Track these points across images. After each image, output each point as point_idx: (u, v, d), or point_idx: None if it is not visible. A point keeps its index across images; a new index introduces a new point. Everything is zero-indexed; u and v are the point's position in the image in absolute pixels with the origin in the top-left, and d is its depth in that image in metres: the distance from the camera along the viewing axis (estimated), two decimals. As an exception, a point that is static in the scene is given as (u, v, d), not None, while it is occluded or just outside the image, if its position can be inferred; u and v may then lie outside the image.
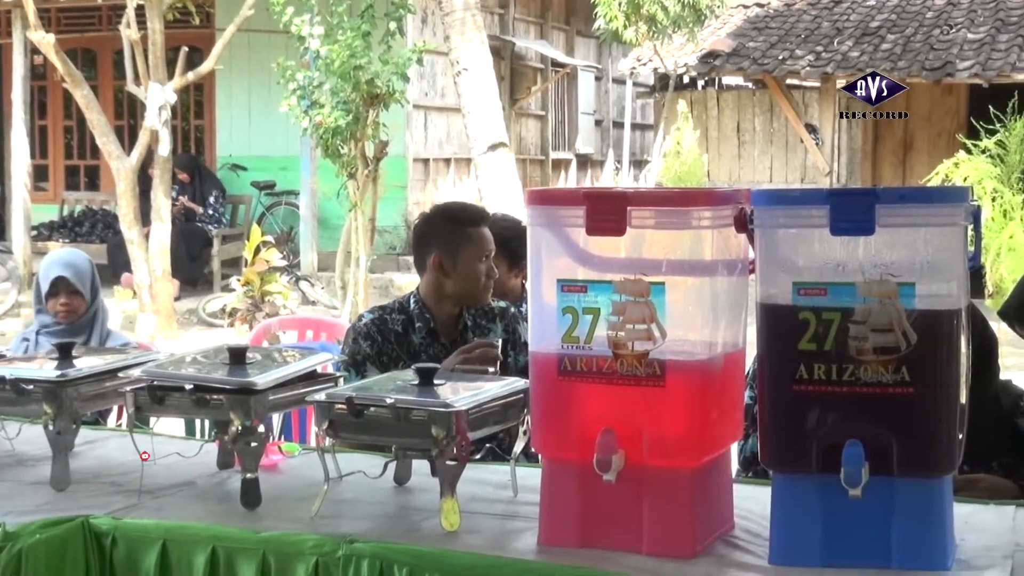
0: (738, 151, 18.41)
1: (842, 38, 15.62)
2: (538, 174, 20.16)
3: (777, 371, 2.69)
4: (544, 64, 20.30)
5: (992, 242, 10.53)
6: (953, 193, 2.70)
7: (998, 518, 3.05)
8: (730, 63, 15.65)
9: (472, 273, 4.11)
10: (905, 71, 14.63)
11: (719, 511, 2.92)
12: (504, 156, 13.05)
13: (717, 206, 2.76)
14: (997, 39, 14.96)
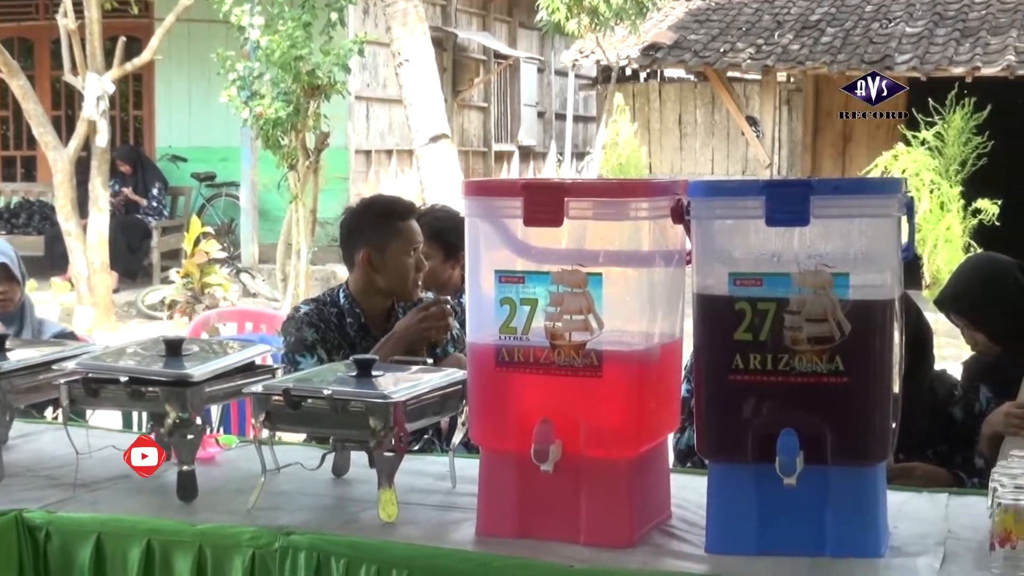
0: (680, 143, 18.48)
1: (782, 31, 15.71)
2: (481, 166, 20.14)
3: (713, 361, 2.70)
4: (487, 56, 20.28)
5: (929, 234, 10.62)
6: (886, 184, 2.74)
7: (931, 506, 3.08)
8: (671, 56, 15.70)
9: (401, 268, 4.10)
10: (844, 64, 14.74)
11: (656, 501, 2.94)
12: (446, 148, 13.02)
13: (654, 197, 2.77)
14: (935, 33, 15.10)
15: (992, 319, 3.90)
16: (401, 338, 4.00)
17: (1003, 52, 14.22)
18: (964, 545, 2.76)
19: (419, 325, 4.00)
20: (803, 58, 14.98)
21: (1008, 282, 3.91)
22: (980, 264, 4.20)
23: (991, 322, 3.90)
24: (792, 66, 15.20)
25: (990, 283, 3.93)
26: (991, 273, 3.98)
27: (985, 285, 3.94)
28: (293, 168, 11.46)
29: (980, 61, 14.13)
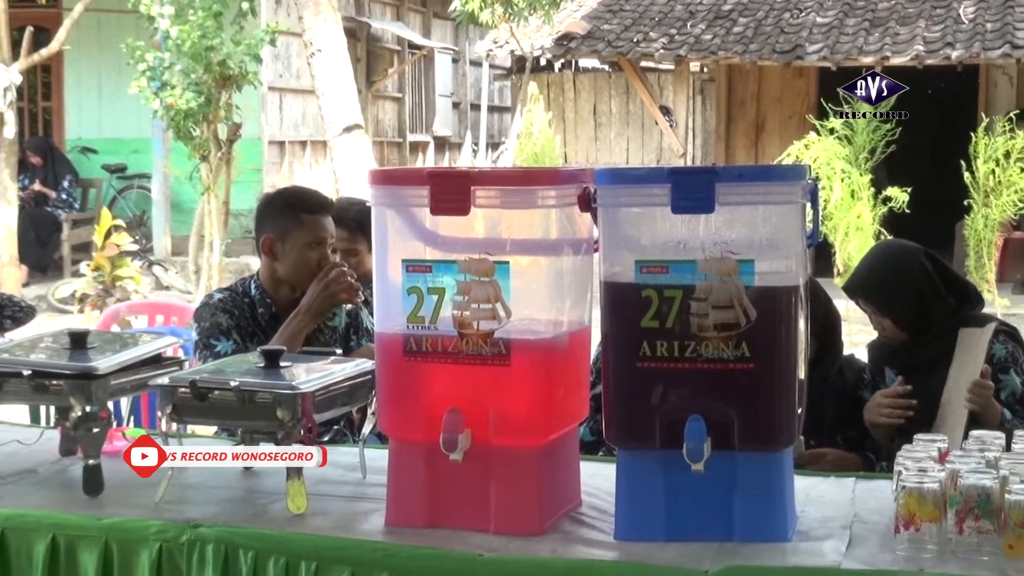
0: (595, 133, 18.54)
1: (695, 21, 15.78)
2: (396, 156, 20.07)
3: (621, 349, 2.71)
4: (401, 46, 20.20)
5: (841, 222, 10.71)
6: (790, 172, 2.74)
7: (839, 490, 3.12)
8: (585, 45, 15.71)
9: (301, 260, 4.06)
10: (756, 54, 14.85)
11: (566, 488, 2.95)
12: (359, 138, 12.96)
13: (561, 185, 2.77)
14: (845, 23, 15.25)
15: (898, 305, 3.93)
16: (308, 311, 3.96)
17: (911, 42, 14.40)
18: (870, 528, 2.79)
19: (323, 294, 3.95)
20: (715, 48, 15.06)
21: (914, 269, 3.95)
22: (887, 251, 4.24)
23: (897, 308, 3.93)
24: (705, 56, 15.27)
25: (896, 270, 3.97)
26: (898, 260, 4.02)
27: (891, 272, 3.98)
28: (205, 159, 11.36)
29: (889, 51, 14.28)
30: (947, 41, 14.29)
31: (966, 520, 2.59)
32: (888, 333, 3.99)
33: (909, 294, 3.92)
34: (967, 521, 2.59)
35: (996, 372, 3.79)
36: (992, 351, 3.82)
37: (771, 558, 2.61)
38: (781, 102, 16.46)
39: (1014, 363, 3.85)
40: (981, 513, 2.58)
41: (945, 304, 3.93)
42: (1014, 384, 3.80)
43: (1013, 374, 3.82)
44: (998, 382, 3.78)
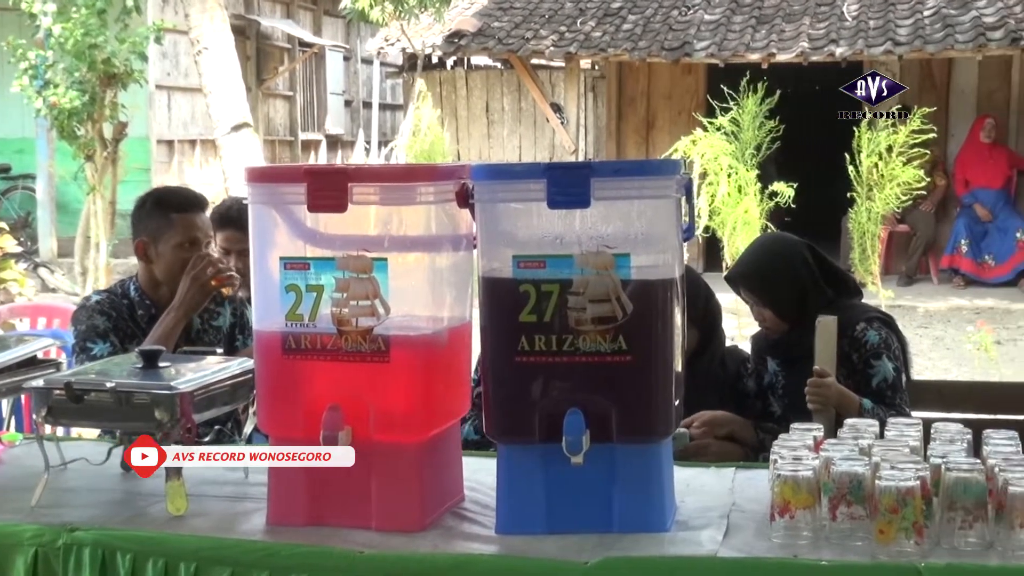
0: (487, 131, 18.54)
1: (585, 18, 15.86)
2: (287, 155, 19.94)
3: (499, 343, 2.72)
4: (291, 44, 20.08)
5: (728, 217, 10.83)
6: (665, 166, 2.77)
7: (718, 480, 3.16)
8: (475, 43, 15.71)
9: (175, 261, 4.00)
10: (645, 51, 14.95)
11: (448, 484, 2.95)
12: (248, 137, 12.86)
13: (439, 181, 2.78)
14: (732, 20, 15.41)
15: (779, 297, 3.99)
16: (180, 306, 3.90)
17: (797, 39, 14.58)
18: (747, 517, 2.84)
19: (194, 286, 3.89)
20: (605, 45, 15.14)
21: (795, 261, 4.01)
22: (769, 243, 4.31)
23: (778, 299, 3.99)
24: (594, 53, 15.34)
25: (778, 261, 4.03)
26: (779, 252, 4.08)
27: (773, 263, 4.04)
28: (90, 159, 11.19)
29: (775, 48, 14.46)
30: (831, 38, 14.51)
31: (839, 506, 2.64)
32: (768, 324, 4.05)
33: (789, 286, 3.98)
34: (840, 507, 2.64)
35: (868, 359, 3.88)
36: (866, 338, 3.90)
37: (649, 548, 2.63)
38: (671, 99, 16.58)
39: (887, 349, 3.91)
40: (853, 499, 2.64)
41: (824, 296, 3.99)
42: (886, 370, 3.87)
43: (886, 360, 3.89)
44: (870, 368, 3.86)
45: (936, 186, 14.71)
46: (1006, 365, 10.34)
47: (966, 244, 14.51)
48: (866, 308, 4.08)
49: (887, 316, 4.06)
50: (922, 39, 14.16)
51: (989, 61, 15.07)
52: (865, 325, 3.93)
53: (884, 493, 2.56)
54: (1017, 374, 10.10)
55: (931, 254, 14.86)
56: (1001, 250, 14.50)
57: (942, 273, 14.78)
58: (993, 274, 14.51)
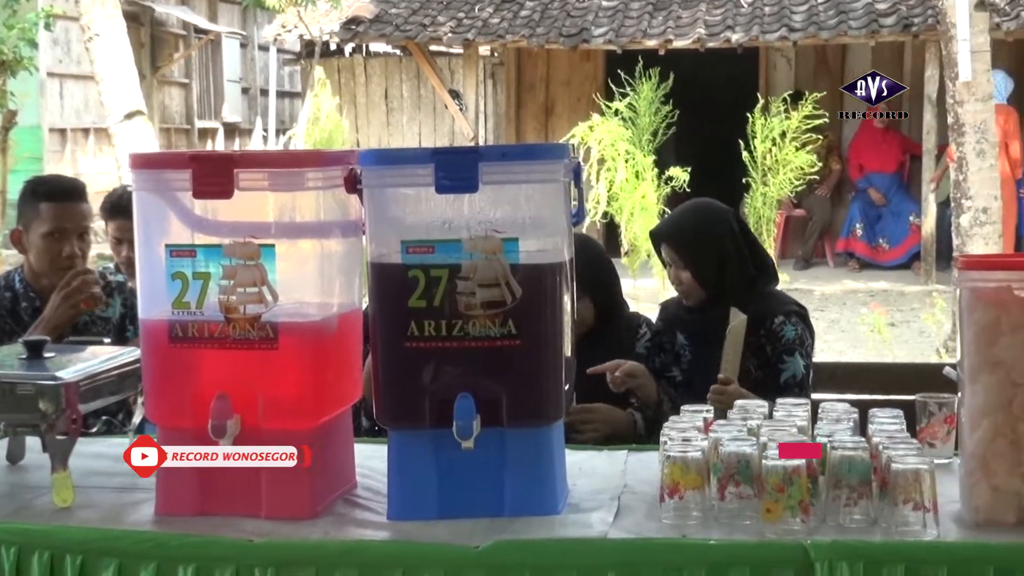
0: (387, 118, 18.47)
1: (483, 5, 15.83)
2: (184, 143, 19.74)
3: (389, 329, 2.72)
4: (187, 31, 19.87)
5: (626, 202, 10.92)
6: (552, 150, 2.78)
7: (610, 463, 3.18)
8: (373, 29, 15.63)
9: (44, 250, 3.94)
10: (544, 37, 14.97)
11: (340, 470, 2.94)
12: (142, 125, 12.69)
13: (326, 167, 2.77)
14: (629, 6, 15.47)
15: (700, 259, 3.93)
16: (47, 324, 3.78)
17: (694, 25, 14.69)
18: (638, 498, 2.86)
19: (63, 305, 3.80)
20: (503, 32, 15.14)
21: (723, 227, 3.98)
22: (700, 204, 4.23)
23: (699, 262, 3.94)
24: (493, 40, 15.34)
25: (706, 223, 4.00)
26: (708, 215, 4.06)
27: (701, 223, 4.01)
28: (-20, 148, 11.01)
29: (672, 34, 14.54)
30: (727, 24, 14.63)
31: (728, 486, 2.67)
32: (685, 288, 3.98)
33: (713, 250, 3.93)
34: (729, 487, 2.67)
35: (781, 353, 3.86)
36: (783, 332, 3.88)
37: (540, 531, 2.65)
38: (569, 85, 16.62)
39: (800, 345, 3.90)
40: (741, 479, 2.67)
41: (745, 271, 3.95)
42: (796, 367, 3.86)
43: (798, 356, 3.87)
44: (782, 363, 3.85)
45: (831, 171, 14.91)
46: (899, 346, 10.52)
47: (861, 228, 14.72)
48: (785, 300, 4.04)
49: (803, 309, 4.04)
50: (816, 25, 14.33)
51: (882, 47, 15.29)
52: (783, 319, 3.90)
53: (770, 472, 2.60)
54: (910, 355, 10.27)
55: (827, 238, 15.06)
56: (895, 234, 14.73)
57: (838, 256, 14.99)
58: (887, 257, 14.74)
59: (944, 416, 3.11)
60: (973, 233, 10.96)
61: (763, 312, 3.88)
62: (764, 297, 3.96)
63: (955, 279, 2.72)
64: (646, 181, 10.90)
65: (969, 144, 10.97)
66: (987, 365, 2.63)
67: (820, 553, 2.48)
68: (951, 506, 2.72)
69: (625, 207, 10.85)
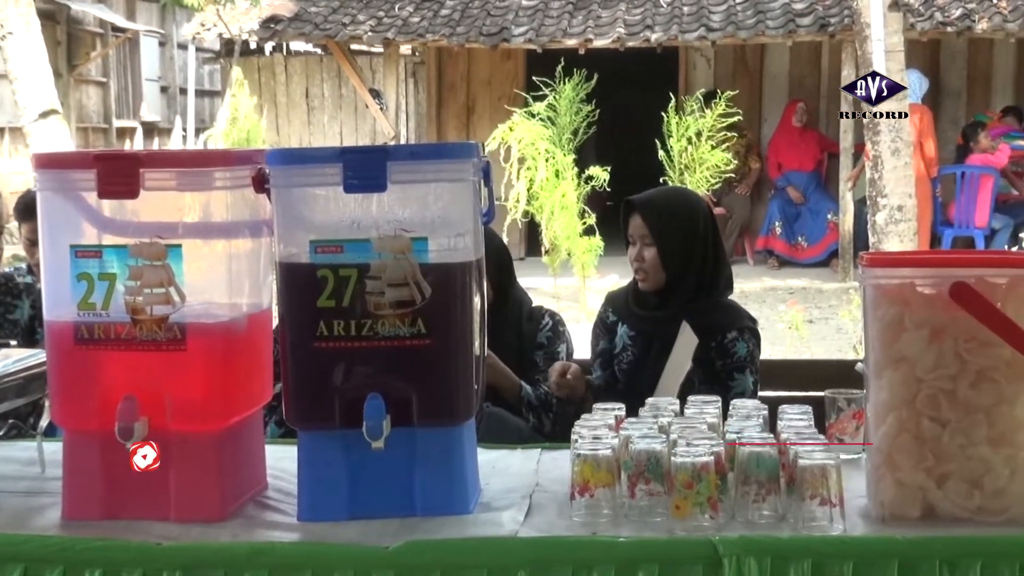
0: (308, 117, 18.37)
1: (403, 3, 15.79)
2: (102, 142, 19.52)
3: (298, 329, 2.70)
4: (104, 29, 19.65)
5: (547, 201, 10.93)
6: (461, 150, 2.77)
7: (524, 461, 3.19)
8: (292, 28, 15.54)
9: None
10: (464, 36, 14.97)
11: (250, 472, 2.92)
12: (57, 124, 12.54)
13: (233, 167, 2.75)
14: (550, 6, 15.51)
15: (670, 236, 3.89)
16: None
17: (613, 24, 14.75)
18: (550, 496, 2.86)
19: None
20: (423, 31, 15.12)
21: (699, 213, 3.96)
22: (682, 188, 4.30)
23: (668, 239, 3.89)
24: (413, 39, 15.31)
25: (686, 205, 3.99)
26: (690, 199, 4.09)
27: (680, 203, 4.00)
28: None
29: (592, 33, 14.60)
30: (647, 24, 14.71)
31: (638, 484, 2.68)
32: (647, 267, 3.91)
33: (684, 231, 3.90)
34: (639, 485, 2.68)
35: (732, 371, 3.87)
36: (735, 349, 3.89)
37: (451, 531, 2.64)
38: (490, 84, 16.64)
39: (751, 363, 3.90)
40: (651, 476, 2.67)
41: (705, 270, 3.92)
42: (745, 384, 3.86)
43: (747, 374, 3.88)
44: (732, 380, 3.86)
45: (750, 169, 15.05)
46: (817, 343, 10.62)
47: (780, 226, 14.87)
48: (739, 313, 4.00)
49: (755, 324, 4.02)
50: (734, 25, 14.45)
51: (799, 47, 15.45)
52: (737, 335, 3.90)
53: (679, 469, 2.61)
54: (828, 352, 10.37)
55: (746, 236, 15.19)
56: (813, 232, 14.89)
57: (757, 254, 15.13)
58: (806, 255, 14.90)
59: (853, 412, 3.14)
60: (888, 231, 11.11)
61: (716, 325, 3.89)
62: (719, 308, 3.95)
63: (859, 276, 2.75)
64: (566, 180, 10.92)
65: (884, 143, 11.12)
66: (891, 361, 2.66)
67: (728, 549, 2.50)
68: (859, 501, 2.75)
69: (545, 206, 10.87)
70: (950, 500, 2.65)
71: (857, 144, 13.43)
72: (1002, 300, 2.61)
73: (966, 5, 14.21)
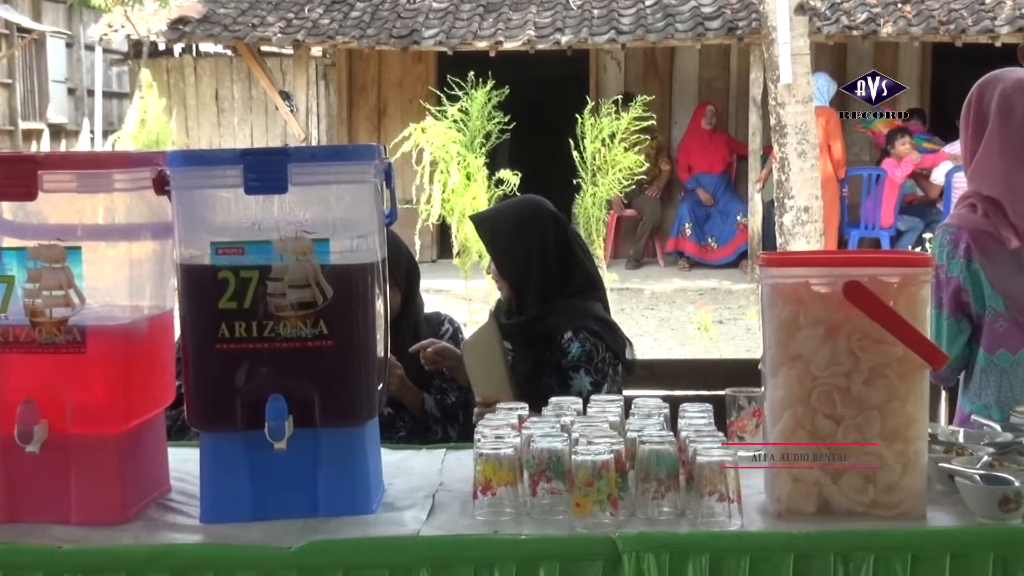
0: (218, 119, 18.27)
1: (312, 5, 15.75)
2: (7, 145, 19.27)
3: (199, 331, 2.70)
4: (9, 30, 19.38)
5: (457, 204, 10.96)
6: (362, 151, 2.78)
7: (429, 461, 3.20)
8: (200, 30, 15.44)
9: None
10: (374, 39, 14.96)
11: (152, 475, 2.91)
12: (-38, 126, 12.38)
13: (133, 168, 2.74)
14: (460, 8, 15.54)
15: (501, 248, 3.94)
16: None
17: (524, 27, 14.82)
18: (453, 496, 2.88)
19: None
20: (333, 32, 15.09)
21: (532, 224, 3.95)
22: (520, 200, 4.19)
23: (500, 251, 3.94)
24: (323, 40, 15.28)
25: (517, 217, 3.99)
26: (521, 210, 4.04)
27: (514, 214, 4.00)
28: None
29: (503, 36, 14.66)
30: (557, 27, 14.79)
31: (540, 482, 2.71)
32: (495, 279, 4.01)
33: (515, 243, 3.93)
34: (541, 483, 2.70)
35: (568, 370, 3.87)
36: (569, 349, 3.88)
37: (354, 531, 2.65)
38: (402, 86, 16.65)
39: (588, 362, 3.88)
40: (553, 475, 2.70)
41: (548, 279, 3.95)
42: (582, 384, 3.86)
43: (583, 373, 3.87)
44: (570, 379, 3.86)
45: (661, 172, 15.19)
46: (726, 343, 10.76)
47: (690, 227, 15.01)
48: (582, 313, 3.98)
49: (601, 326, 3.97)
50: (644, 28, 14.58)
51: (709, 50, 15.63)
52: (571, 335, 3.89)
53: (580, 467, 2.64)
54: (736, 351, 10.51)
55: (657, 237, 15.32)
56: (723, 233, 15.06)
57: (668, 256, 15.26)
58: (716, 256, 15.06)
59: (753, 410, 3.19)
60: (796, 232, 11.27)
61: (554, 327, 3.91)
62: (564, 310, 3.95)
63: (757, 276, 2.79)
64: (477, 183, 10.95)
65: (791, 145, 11.28)
66: (787, 359, 2.71)
67: (627, 545, 2.53)
68: (757, 497, 2.79)
69: (456, 209, 10.89)
70: (845, 495, 2.70)
71: (766, 146, 13.61)
72: (894, 298, 2.67)
73: (871, 9, 14.44)
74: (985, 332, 3.50)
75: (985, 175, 3.46)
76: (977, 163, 3.48)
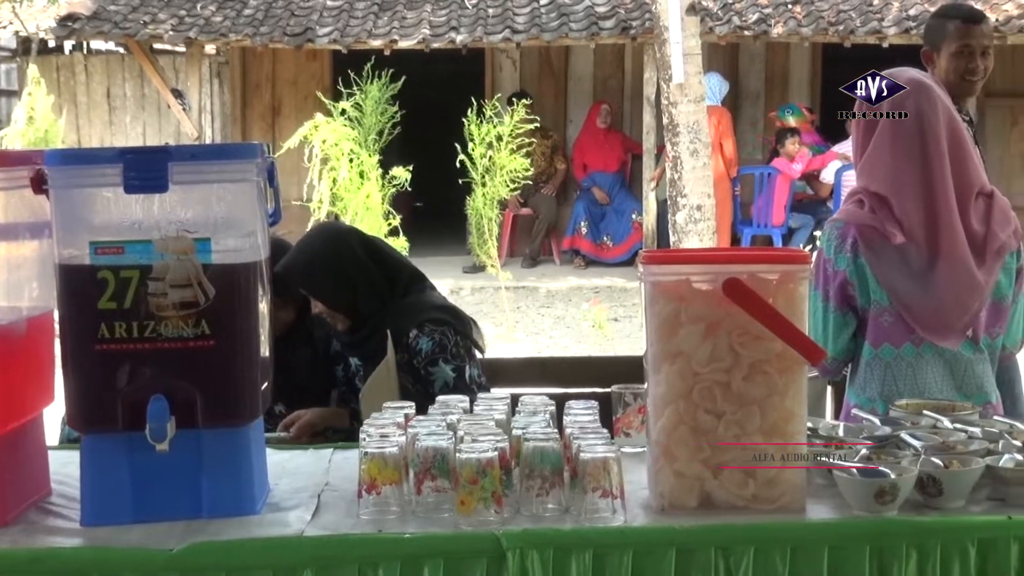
0: (109, 117, 18.00)
1: (205, 3, 15.59)
2: None
3: (79, 332, 2.67)
4: None
5: (351, 202, 10.91)
6: (244, 150, 2.77)
7: (315, 461, 3.19)
8: (90, 27, 15.19)
9: None
10: (268, 36, 14.84)
11: (32, 478, 2.87)
12: None
13: (11, 167, 2.71)
14: (355, 6, 15.47)
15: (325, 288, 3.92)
16: None
17: (419, 26, 14.79)
18: (339, 495, 2.88)
19: None
20: (226, 30, 14.93)
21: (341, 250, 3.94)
22: (316, 234, 4.11)
23: (324, 291, 3.93)
24: (216, 38, 15.12)
25: (322, 252, 3.94)
26: (326, 243, 3.99)
27: (319, 255, 3.94)
28: None
29: (397, 34, 14.61)
30: (452, 25, 14.78)
31: (425, 481, 2.71)
32: (329, 317, 3.97)
33: (335, 276, 3.91)
34: (426, 482, 2.71)
35: (426, 365, 3.87)
36: (418, 346, 3.88)
37: (237, 532, 2.64)
38: (296, 84, 16.54)
39: (442, 352, 3.88)
40: (438, 473, 2.71)
41: (375, 289, 3.94)
42: (445, 375, 3.86)
43: (442, 364, 3.87)
44: (431, 375, 3.87)
45: (557, 170, 15.25)
46: (621, 341, 10.82)
47: (586, 226, 15.08)
48: (421, 308, 3.98)
49: (443, 314, 3.98)
50: (539, 27, 14.62)
51: (603, 49, 15.71)
52: (417, 332, 3.89)
53: (464, 465, 2.64)
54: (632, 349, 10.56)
55: (553, 236, 15.37)
56: (618, 231, 15.14)
57: (564, 254, 15.32)
58: (611, 254, 15.14)
59: (639, 406, 3.21)
60: (688, 230, 11.37)
61: (398, 329, 3.90)
62: (402, 311, 3.94)
63: (640, 274, 2.82)
64: (370, 181, 10.91)
65: (683, 144, 11.37)
66: (669, 355, 2.74)
67: (511, 542, 2.55)
68: (642, 493, 2.82)
69: (350, 207, 10.85)
70: (726, 489, 2.74)
71: (659, 145, 13.70)
72: (773, 295, 2.71)
73: (763, 10, 14.61)
74: (870, 326, 3.56)
75: (874, 172, 3.52)
76: (866, 160, 3.54)
